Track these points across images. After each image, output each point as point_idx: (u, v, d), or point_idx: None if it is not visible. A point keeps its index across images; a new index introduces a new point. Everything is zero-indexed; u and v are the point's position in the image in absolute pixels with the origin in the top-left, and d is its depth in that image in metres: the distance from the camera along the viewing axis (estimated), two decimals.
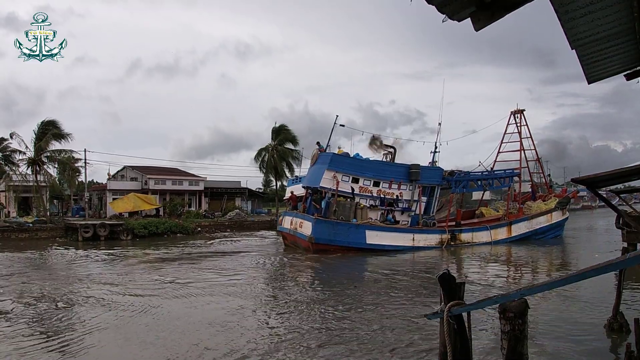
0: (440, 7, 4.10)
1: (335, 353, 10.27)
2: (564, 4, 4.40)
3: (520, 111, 40.04)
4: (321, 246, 28.50)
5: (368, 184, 31.33)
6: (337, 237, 28.79)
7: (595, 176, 10.12)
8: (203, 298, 16.37)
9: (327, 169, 30.29)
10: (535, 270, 23.86)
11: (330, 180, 30.07)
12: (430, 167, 34.30)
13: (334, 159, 30.79)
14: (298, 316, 13.88)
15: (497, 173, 37.58)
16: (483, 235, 33.30)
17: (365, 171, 31.48)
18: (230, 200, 66.64)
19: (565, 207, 38.03)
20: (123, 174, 63.62)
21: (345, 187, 30.41)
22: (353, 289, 18.17)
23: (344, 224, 29.17)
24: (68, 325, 12.84)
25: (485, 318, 12.23)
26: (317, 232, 28.71)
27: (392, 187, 31.91)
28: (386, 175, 31.99)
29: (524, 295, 4.63)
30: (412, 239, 30.74)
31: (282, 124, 61.91)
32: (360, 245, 29.04)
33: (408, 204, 32.47)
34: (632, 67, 6.50)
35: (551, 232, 36.82)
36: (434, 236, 31.67)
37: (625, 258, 2.73)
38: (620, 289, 10.83)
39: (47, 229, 43.11)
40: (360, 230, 29.36)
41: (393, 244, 29.62)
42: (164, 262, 26.01)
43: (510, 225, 34.72)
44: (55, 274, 22.40)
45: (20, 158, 46.86)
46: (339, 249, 28.59)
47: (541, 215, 36.56)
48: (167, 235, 44.01)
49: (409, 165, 32.95)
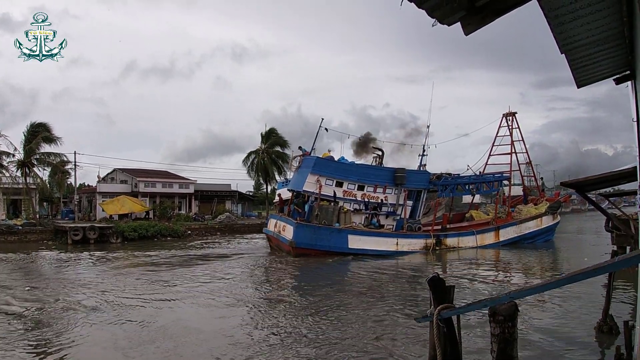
0: (430, 11, 4.10)
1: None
2: (553, 9, 4.42)
3: (512, 114, 39.89)
4: (302, 250, 28.32)
5: (352, 187, 31.21)
6: (318, 242, 28.60)
7: (584, 180, 10.20)
8: (188, 303, 16.28)
9: (311, 173, 30.26)
10: (525, 273, 23.89)
11: (313, 184, 30.01)
12: (417, 171, 34.10)
13: (318, 163, 30.76)
14: (279, 322, 13.83)
15: (486, 177, 37.22)
16: (469, 240, 32.92)
17: (350, 175, 31.37)
18: (220, 203, 66.44)
19: (556, 211, 37.61)
20: (113, 177, 63.23)
21: (328, 190, 30.30)
22: (334, 293, 18.08)
23: (325, 228, 29.02)
24: (52, 329, 12.73)
25: (475, 321, 12.26)
26: (298, 237, 28.55)
27: (377, 191, 31.78)
28: (371, 179, 31.84)
29: (514, 298, 4.64)
30: (396, 243, 30.47)
31: (271, 127, 61.95)
32: (342, 249, 28.79)
33: (393, 208, 32.31)
34: (621, 71, 6.54)
35: (541, 237, 36.36)
36: (419, 241, 31.32)
37: (615, 261, 2.74)
38: (609, 291, 10.90)
39: (37, 232, 42.69)
40: (342, 235, 29.15)
41: (376, 249, 29.38)
42: (152, 266, 25.76)
43: (498, 230, 34.28)
44: (40, 278, 22.18)
45: (10, 160, 46.52)
46: (321, 253, 28.34)
47: (530, 219, 36.10)
48: (157, 238, 43.77)
49: (394, 169, 32.92)
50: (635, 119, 5.28)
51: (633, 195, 10.09)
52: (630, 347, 8.01)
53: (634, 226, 10.72)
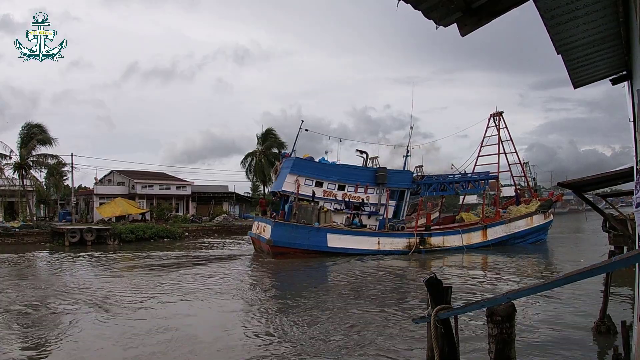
0: (426, 12, 4.10)
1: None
2: (549, 9, 4.42)
3: (499, 113, 39.09)
4: (280, 249, 28.30)
5: (333, 187, 31.30)
6: (296, 241, 28.55)
7: (581, 180, 10.21)
8: (182, 303, 16.29)
9: (290, 173, 30.40)
10: (521, 274, 23.87)
11: (292, 184, 30.12)
12: (399, 171, 34.04)
13: (296, 163, 30.87)
14: (263, 325, 13.83)
15: (470, 176, 36.73)
16: (455, 239, 32.48)
17: (330, 175, 31.46)
18: (217, 205, 66.29)
19: (547, 210, 36.74)
20: (110, 179, 63.10)
21: (308, 190, 30.37)
22: (316, 294, 18.03)
23: (304, 227, 29.02)
24: (49, 329, 12.70)
25: (472, 322, 12.26)
26: (275, 236, 28.51)
27: (358, 191, 31.82)
28: (351, 179, 31.89)
29: (511, 298, 4.62)
30: (377, 242, 30.35)
31: (268, 129, 61.70)
32: (321, 248, 28.79)
33: (375, 208, 32.25)
34: (617, 71, 6.55)
35: (532, 236, 35.64)
36: (401, 240, 31.08)
37: (612, 261, 2.73)
38: (607, 291, 10.91)
39: (34, 234, 42.59)
40: (321, 234, 29.15)
41: (356, 248, 29.33)
42: (148, 268, 25.72)
43: (486, 229, 33.71)
44: (37, 280, 22.13)
45: (6, 162, 46.42)
46: (299, 252, 28.32)
47: (520, 218, 35.42)
48: (154, 240, 43.69)
49: (375, 168, 33.10)
50: (632, 120, 5.29)
51: (630, 196, 10.10)
52: (628, 347, 8.02)
53: (631, 226, 10.72)
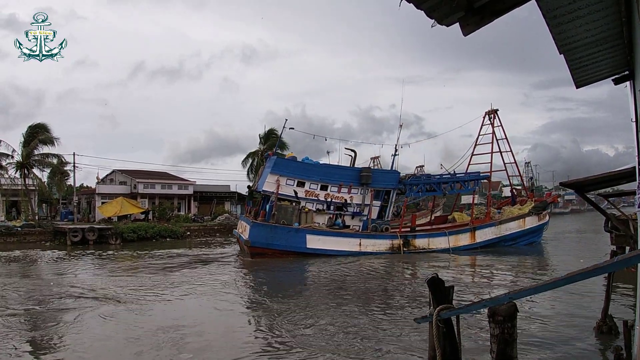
0: (429, 11, 4.10)
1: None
2: (551, 9, 4.41)
3: (494, 111, 38.09)
4: (258, 249, 27.98)
5: (315, 187, 30.81)
6: (275, 241, 28.13)
7: (583, 180, 10.21)
8: (181, 303, 16.26)
9: (270, 173, 30.05)
10: (524, 274, 23.86)
11: (272, 183, 29.76)
12: (385, 171, 33.61)
13: (277, 163, 30.58)
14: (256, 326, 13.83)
15: (459, 176, 35.65)
16: (441, 241, 31.46)
17: (312, 175, 30.96)
18: (219, 204, 66.27)
19: (541, 212, 35.70)
20: (112, 178, 63.14)
21: (289, 190, 30.00)
22: (296, 297, 17.75)
23: (283, 228, 28.57)
24: (50, 328, 12.72)
25: (474, 321, 12.25)
26: (253, 236, 28.21)
27: (341, 191, 31.20)
28: (335, 179, 31.29)
29: (513, 298, 4.62)
30: (359, 244, 29.72)
31: (270, 128, 61.30)
32: (300, 249, 28.31)
33: (359, 208, 31.56)
34: (620, 71, 6.53)
35: (524, 239, 34.36)
36: (384, 241, 30.37)
37: (614, 261, 2.73)
38: (609, 291, 10.89)
39: (36, 233, 42.58)
40: (301, 234, 28.70)
41: (336, 249, 28.75)
42: (150, 268, 25.75)
43: (474, 231, 32.58)
44: (39, 279, 22.16)
45: (9, 162, 46.47)
46: (278, 252, 27.90)
47: (511, 220, 34.26)
48: (156, 240, 43.68)
49: (359, 168, 32.50)
50: (634, 119, 5.27)
51: (632, 196, 10.08)
52: (629, 347, 8.01)
53: (633, 226, 10.71)
